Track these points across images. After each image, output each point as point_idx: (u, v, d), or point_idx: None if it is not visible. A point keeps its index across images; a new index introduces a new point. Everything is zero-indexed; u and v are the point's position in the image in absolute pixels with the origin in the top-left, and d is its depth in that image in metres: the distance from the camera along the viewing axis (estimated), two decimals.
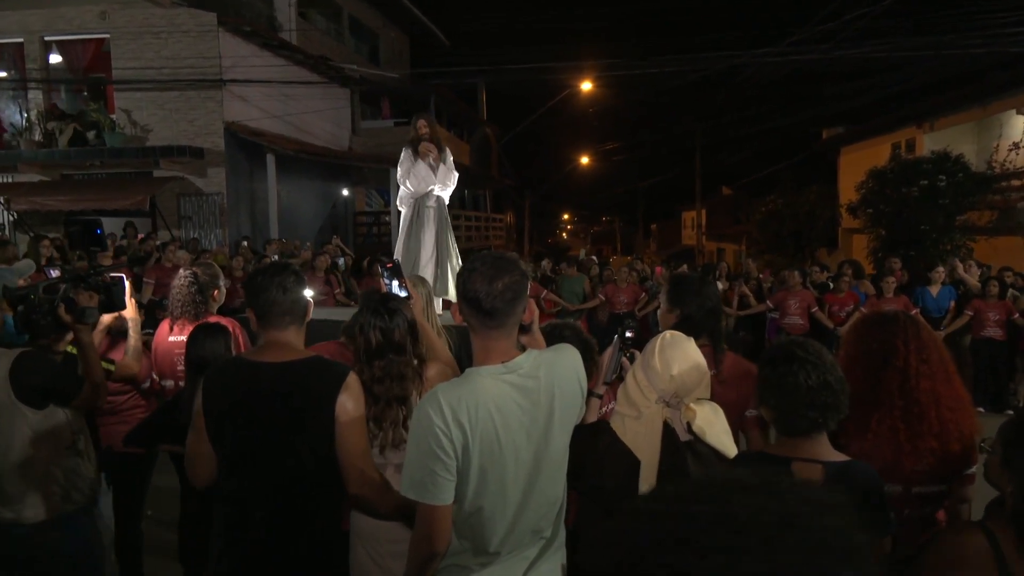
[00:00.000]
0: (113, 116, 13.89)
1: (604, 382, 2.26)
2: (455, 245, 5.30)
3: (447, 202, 5.35)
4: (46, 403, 2.53)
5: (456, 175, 5.31)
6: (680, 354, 1.96)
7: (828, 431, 1.86)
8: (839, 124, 23.64)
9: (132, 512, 3.55)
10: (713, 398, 2.02)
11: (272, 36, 15.49)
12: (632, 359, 2.28)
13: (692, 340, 2.03)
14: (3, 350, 2.54)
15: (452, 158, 5.33)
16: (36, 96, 14.43)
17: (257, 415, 2.01)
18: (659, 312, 2.71)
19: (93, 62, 14.43)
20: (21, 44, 14.29)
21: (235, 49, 14.18)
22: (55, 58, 14.62)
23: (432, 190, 5.17)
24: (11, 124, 14.06)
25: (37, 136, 13.70)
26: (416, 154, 5.17)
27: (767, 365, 1.88)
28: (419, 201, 5.19)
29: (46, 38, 14.28)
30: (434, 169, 5.16)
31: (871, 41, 14.11)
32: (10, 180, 14.13)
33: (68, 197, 12.93)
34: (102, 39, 14.16)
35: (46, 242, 8.47)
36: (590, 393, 2.15)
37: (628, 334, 2.27)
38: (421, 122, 5.24)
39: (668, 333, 2.04)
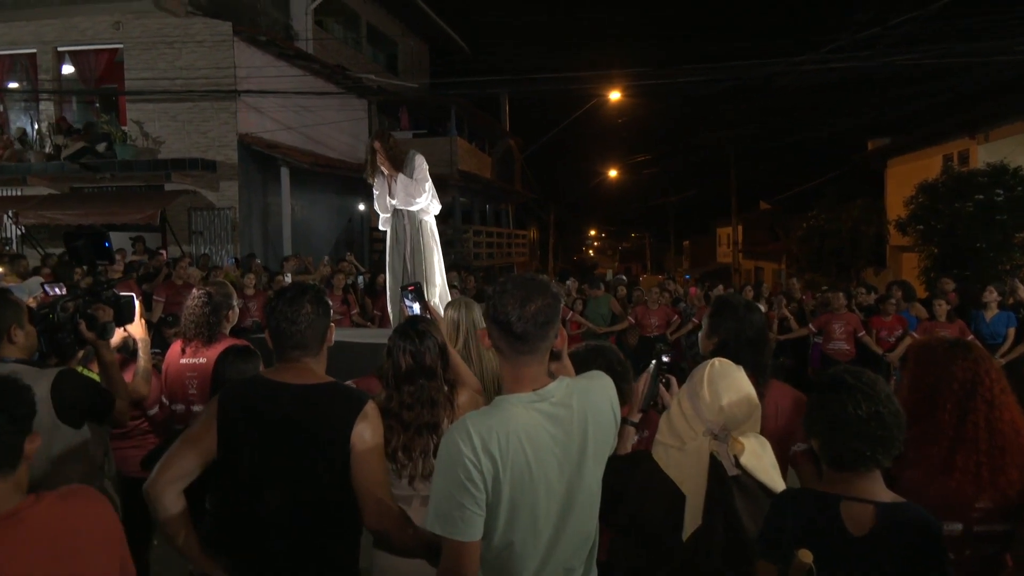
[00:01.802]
0: (124, 128, 14.23)
1: (640, 410, 2.25)
2: (438, 260, 5.31)
3: (431, 213, 5.36)
4: (83, 421, 2.60)
5: (428, 184, 5.24)
6: (730, 384, 1.95)
7: (881, 467, 1.83)
8: (885, 135, 23.44)
9: (140, 540, 3.59)
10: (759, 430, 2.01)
11: (288, 45, 15.80)
12: (668, 385, 2.27)
13: (742, 369, 2.02)
14: (41, 370, 2.60)
15: (422, 167, 5.24)
16: (48, 108, 14.85)
17: (274, 437, 2.03)
18: (700, 336, 2.70)
19: (105, 73, 14.80)
20: (34, 55, 14.73)
21: (250, 59, 14.49)
22: (67, 69, 15.03)
23: (396, 208, 5.20)
24: (19, 137, 14.42)
25: (47, 148, 14.06)
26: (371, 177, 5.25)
27: (816, 392, 1.87)
28: (392, 220, 5.25)
29: (59, 48, 14.71)
30: (389, 189, 5.18)
31: (918, 46, 14.02)
32: (19, 193, 14.50)
33: (77, 211, 13.22)
34: (115, 49, 14.54)
35: (47, 271, 8.61)
36: (624, 421, 2.15)
37: (664, 359, 2.26)
38: (376, 144, 5.23)
39: (717, 361, 2.03)
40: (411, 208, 5.18)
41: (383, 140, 5.22)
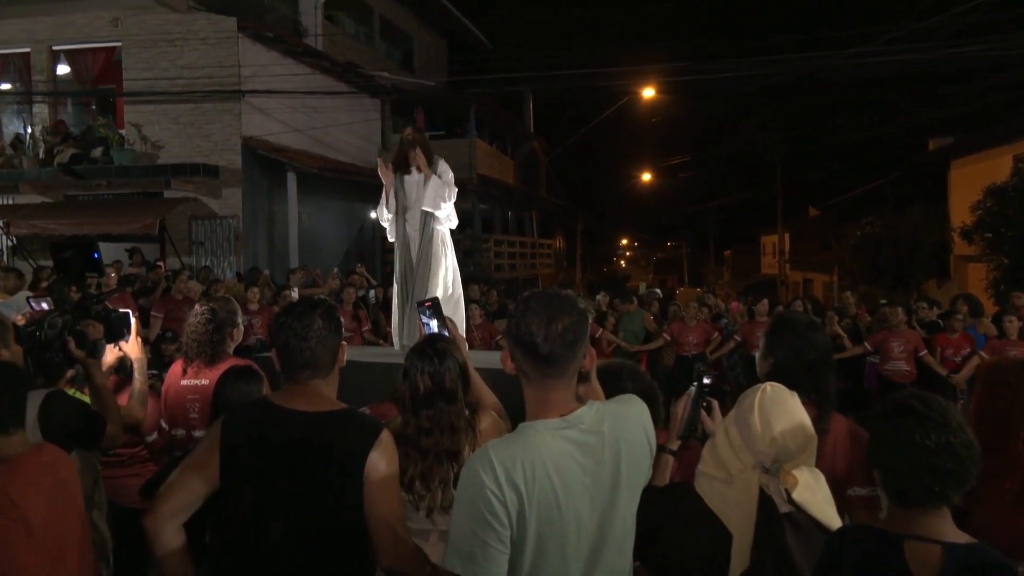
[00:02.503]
0: (122, 131, 14.50)
1: (678, 437, 2.24)
2: (446, 273, 5.32)
3: (447, 224, 5.40)
4: (71, 448, 2.63)
5: (455, 192, 5.34)
6: (783, 413, 1.93)
7: (950, 504, 1.80)
8: (948, 133, 23.17)
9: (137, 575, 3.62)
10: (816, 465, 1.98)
11: (296, 42, 16.04)
12: (710, 410, 2.26)
13: (796, 396, 1.99)
14: (28, 392, 2.63)
15: (448, 172, 5.33)
16: (42, 110, 15.17)
17: (281, 466, 2.04)
18: (756, 357, 2.68)
19: (103, 73, 15.11)
20: (28, 54, 15.09)
21: (256, 57, 14.72)
22: (62, 69, 15.37)
23: (406, 210, 5.27)
24: (12, 143, 14.73)
25: (41, 154, 14.33)
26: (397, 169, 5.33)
27: (880, 418, 1.85)
28: (398, 223, 5.33)
29: (54, 47, 15.05)
30: (404, 188, 5.27)
31: (985, 35, 13.86)
32: (10, 202, 14.80)
33: (71, 221, 13.46)
34: (113, 48, 14.86)
35: (43, 284, 8.75)
36: (660, 449, 2.14)
37: (706, 381, 2.26)
38: (414, 135, 5.35)
39: (769, 386, 2.01)
40: (438, 212, 5.23)
41: (422, 132, 5.39)
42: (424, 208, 5.20)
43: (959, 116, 23.95)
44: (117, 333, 3.04)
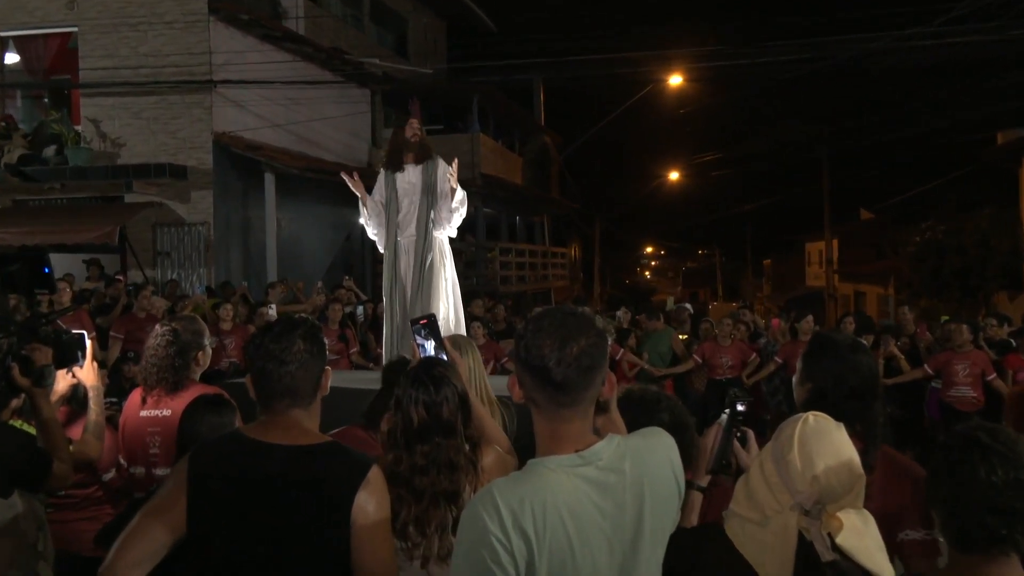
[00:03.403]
0: (78, 128, 14.60)
1: (708, 471, 2.24)
2: (445, 287, 5.36)
3: (447, 230, 5.46)
4: (11, 489, 2.63)
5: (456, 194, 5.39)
6: (827, 447, 1.92)
7: (1019, 551, 1.79)
8: (1020, 126, 23.11)
9: None
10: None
11: (275, 26, 16.16)
12: (744, 441, 2.25)
13: (843, 428, 1.99)
14: None
15: (448, 176, 5.39)
16: None
17: (257, 510, 2.04)
18: (793, 382, 2.68)
19: (56, 62, 15.23)
20: None
21: (229, 43, 14.83)
22: (11, 57, 15.50)
23: (399, 214, 5.33)
24: None
25: None
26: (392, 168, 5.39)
27: (940, 452, 1.84)
28: (388, 230, 5.38)
29: (1, 33, 15.20)
30: (395, 188, 5.33)
31: None
32: None
33: (19, 229, 13.48)
34: (68, 33, 14.99)
35: None
36: (689, 485, 2.13)
37: (739, 408, 2.26)
38: (413, 122, 5.43)
39: (811, 416, 2.00)
40: (449, 227, 5.29)
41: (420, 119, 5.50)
42: (435, 221, 5.28)
43: None
44: (69, 357, 3.04)
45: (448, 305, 5.34)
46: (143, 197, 14.35)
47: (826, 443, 1.93)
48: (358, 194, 5.44)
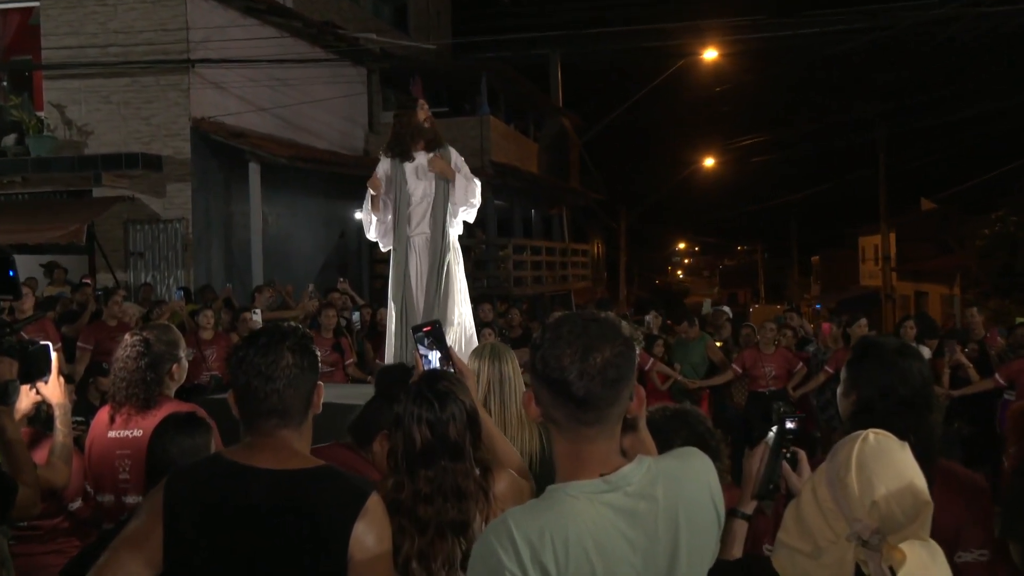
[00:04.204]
0: (40, 114, 14.67)
1: (753, 496, 2.23)
2: (462, 289, 5.39)
3: (458, 223, 5.50)
4: None
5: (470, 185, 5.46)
6: (889, 469, 1.90)
7: None
8: None
9: None
10: None
11: None
12: (794, 462, 2.24)
13: (907, 447, 1.97)
14: None
15: (461, 161, 5.49)
16: None
17: (241, 542, 2.04)
18: (837, 393, 2.68)
19: (16, 41, 15.34)
20: None
21: (208, 17, 14.89)
22: None
23: (410, 209, 5.35)
24: None
25: None
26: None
27: (1017, 477, 1.82)
28: (398, 230, 5.39)
29: None
30: (400, 180, 5.33)
31: None
32: None
33: None
34: (29, 9, 15.08)
35: None
36: (732, 513, 2.12)
37: (788, 424, 2.25)
38: (424, 104, 5.51)
39: (871, 434, 1.99)
40: (470, 212, 5.33)
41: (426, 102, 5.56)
42: (455, 209, 5.32)
43: None
44: (35, 371, 3.04)
45: (466, 311, 5.36)
46: (113, 191, 14.40)
47: (888, 465, 1.91)
48: (373, 192, 5.42)
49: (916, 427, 2.45)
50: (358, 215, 19.83)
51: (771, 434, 2.25)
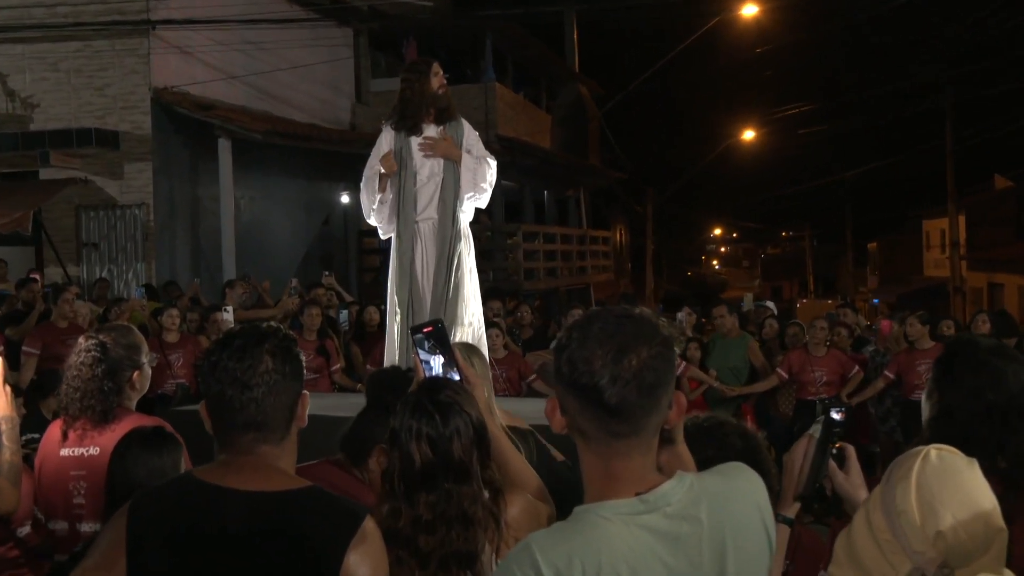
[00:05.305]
0: None
1: (797, 497, 2.24)
2: (473, 284, 5.40)
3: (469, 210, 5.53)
4: None
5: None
6: (955, 493, 1.88)
7: None
8: None
9: None
10: None
11: None
12: (842, 459, 2.25)
13: (975, 466, 1.95)
14: None
15: (475, 138, 5.53)
16: None
17: (218, 572, 2.04)
18: (922, 398, 2.69)
19: None
20: None
21: None
22: None
23: (415, 193, 5.38)
24: None
25: None
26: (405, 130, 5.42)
27: None
28: (402, 216, 5.41)
29: None
30: (408, 158, 5.35)
31: None
32: None
33: None
34: None
35: None
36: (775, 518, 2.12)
37: (834, 415, 2.25)
38: (439, 69, 5.50)
39: (933, 452, 1.97)
40: (480, 199, 5.39)
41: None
42: (465, 196, 5.35)
43: None
44: None
45: (477, 309, 5.36)
46: (63, 172, 14.43)
47: (954, 487, 1.89)
48: (383, 170, 5.41)
49: (1004, 443, 2.43)
50: (344, 199, 19.96)
51: (816, 426, 2.25)
